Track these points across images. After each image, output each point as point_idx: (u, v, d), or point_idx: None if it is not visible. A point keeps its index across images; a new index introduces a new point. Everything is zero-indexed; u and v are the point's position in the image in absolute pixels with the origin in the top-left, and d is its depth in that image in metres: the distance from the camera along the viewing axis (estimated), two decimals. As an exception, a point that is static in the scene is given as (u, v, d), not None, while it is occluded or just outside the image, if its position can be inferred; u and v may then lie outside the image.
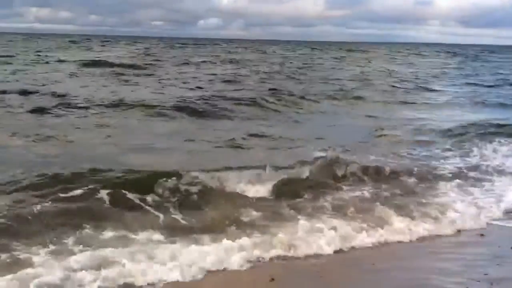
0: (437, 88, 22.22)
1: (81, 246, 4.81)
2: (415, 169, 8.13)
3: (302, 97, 16.34)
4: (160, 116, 12.18)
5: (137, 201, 6.02)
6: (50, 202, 5.74)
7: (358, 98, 17.29)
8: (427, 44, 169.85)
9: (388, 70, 32.10)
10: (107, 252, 4.67)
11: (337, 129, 11.88)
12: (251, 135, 10.37)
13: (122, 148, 8.72)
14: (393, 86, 21.71)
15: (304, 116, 13.62)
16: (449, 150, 9.81)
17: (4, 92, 14.54)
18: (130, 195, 6.08)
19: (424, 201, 6.76)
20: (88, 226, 5.24)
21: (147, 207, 5.94)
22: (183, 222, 5.66)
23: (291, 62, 36.74)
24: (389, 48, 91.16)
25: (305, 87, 19.35)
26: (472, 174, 8.16)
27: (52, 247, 4.76)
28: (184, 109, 13.01)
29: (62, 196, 5.94)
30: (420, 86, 22.27)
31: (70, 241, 4.92)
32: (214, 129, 11.11)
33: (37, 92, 14.82)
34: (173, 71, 25.06)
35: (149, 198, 6.12)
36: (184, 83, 19.63)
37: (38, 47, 46.30)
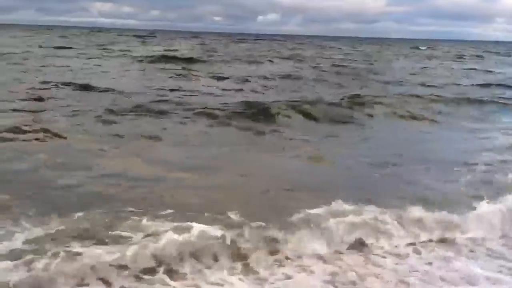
0: None
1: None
2: None
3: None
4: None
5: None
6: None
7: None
8: (497, 42, 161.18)
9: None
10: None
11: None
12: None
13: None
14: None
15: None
16: None
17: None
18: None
19: None
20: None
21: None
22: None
23: (375, 61, 34.85)
24: (455, 46, 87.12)
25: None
26: None
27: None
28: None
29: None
30: None
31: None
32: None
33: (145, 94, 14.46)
34: (244, 68, 24.73)
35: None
36: (264, 86, 17.85)
37: (113, 41, 47.42)
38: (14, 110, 10.79)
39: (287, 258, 4.75)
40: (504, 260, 4.97)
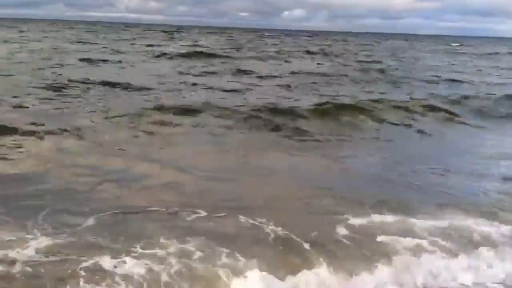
0: None
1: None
2: None
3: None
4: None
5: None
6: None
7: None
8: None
9: None
10: None
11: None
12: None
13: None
14: None
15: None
16: None
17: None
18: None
19: None
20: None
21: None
22: None
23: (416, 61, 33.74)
24: (484, 43, 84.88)
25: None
26: None
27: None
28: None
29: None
30: None
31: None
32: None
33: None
34: (272, 65, 24.32)
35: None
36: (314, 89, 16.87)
37: (141, 36, 47.62)
38: (21, 106, 10.62)
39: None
40: None
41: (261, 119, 10.50)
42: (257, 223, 5.19)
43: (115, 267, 4.10)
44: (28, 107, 10.54)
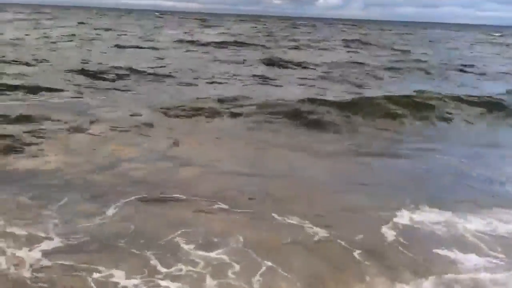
0: None
1: None
2: None
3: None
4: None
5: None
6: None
7: None
8: None
9: None
10: None
11: None
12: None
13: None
14: None
15: None
16: None
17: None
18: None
19: None
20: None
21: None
22: None
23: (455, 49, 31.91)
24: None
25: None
26: None
27: None
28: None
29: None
30: None
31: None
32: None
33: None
34: (310, 54, 23.76)
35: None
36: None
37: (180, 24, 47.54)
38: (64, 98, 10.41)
39: None
40: None
41: (302, 112, 9.91)
42: (294, 222, 4.85)
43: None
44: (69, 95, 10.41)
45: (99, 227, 4.51)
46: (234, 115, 9.61)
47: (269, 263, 4.07)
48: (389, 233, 4.76)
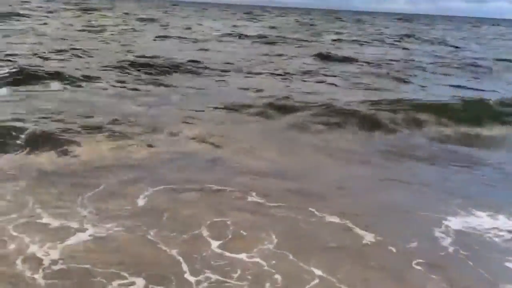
0: None
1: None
2: None
3: None
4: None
5: None
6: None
7: None
8: None
9: None
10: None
11: None
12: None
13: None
14: None
15: None
16: None
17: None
18: None
19: None
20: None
21: None
22: None
23: None
24: None
25: None
26: None
27: None
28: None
29: None
30: None
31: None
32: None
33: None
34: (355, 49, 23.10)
35: None
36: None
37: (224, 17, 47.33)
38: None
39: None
40: None
41: (355, 114, 9.08)
42: (340, 222, 4.57)
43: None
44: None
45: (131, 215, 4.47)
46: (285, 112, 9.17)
47: (319, 272, 3.73)
48: (445, 240, 4.38)
